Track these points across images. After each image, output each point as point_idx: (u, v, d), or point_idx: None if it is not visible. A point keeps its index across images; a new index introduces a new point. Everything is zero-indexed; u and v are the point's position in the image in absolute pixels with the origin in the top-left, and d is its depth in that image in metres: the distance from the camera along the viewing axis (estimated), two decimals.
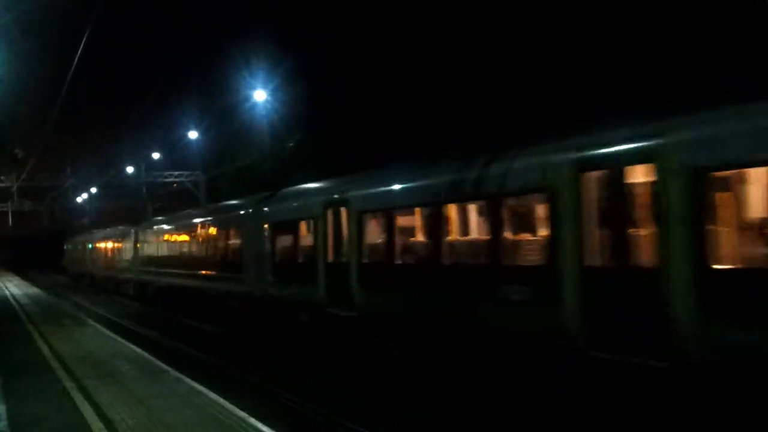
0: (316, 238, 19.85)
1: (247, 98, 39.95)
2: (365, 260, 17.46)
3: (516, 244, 13.12)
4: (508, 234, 13.22)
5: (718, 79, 19.68)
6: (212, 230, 29.15)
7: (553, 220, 11.87)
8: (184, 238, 33.01)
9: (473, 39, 28.82)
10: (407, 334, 16.20)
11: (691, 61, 22.16)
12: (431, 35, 30.48)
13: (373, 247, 17.35)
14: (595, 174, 11.36)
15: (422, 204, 15.75)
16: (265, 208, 23.72)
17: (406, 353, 16.38)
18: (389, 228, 16.56)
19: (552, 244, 11.87)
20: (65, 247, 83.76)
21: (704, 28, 22.03)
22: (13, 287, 54.03)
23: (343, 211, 18.44)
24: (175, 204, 61.75)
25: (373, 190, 17.75)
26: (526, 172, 12.61)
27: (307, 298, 20.28)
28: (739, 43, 20.99)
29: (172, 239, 35.45)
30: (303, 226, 21.12)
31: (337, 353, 19.25)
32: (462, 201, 14.64)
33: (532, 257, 12.53)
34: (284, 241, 22.31)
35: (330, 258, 19.03)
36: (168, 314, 34.49)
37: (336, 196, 19.05)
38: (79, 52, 21.59)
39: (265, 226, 23.24)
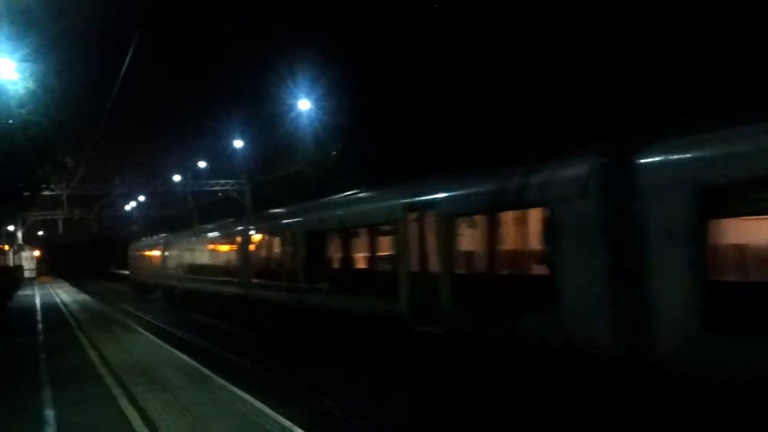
0: (396, 246, 18.28)
1: (292, 107, 40.26)
2: (458, 270, 15.95)
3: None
4: None
5: (720, 80, 19.64)
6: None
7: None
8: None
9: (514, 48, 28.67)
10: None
11: (692, 62, 21.91)
12: (474, 43, 30.37)
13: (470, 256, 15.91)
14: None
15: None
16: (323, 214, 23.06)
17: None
18: (491, 232, 14.92)
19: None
20: (129, 253, 68.89)
21: (705, 29, 21.76)
22: (63, 294, 54.93)
23: (431, 215, 16.89)
24: (219, 213, 62.27)
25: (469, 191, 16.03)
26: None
27: (380, 311, 18.69)
28: (740, 43, 20.72)
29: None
30: (377, 233, 19.56)
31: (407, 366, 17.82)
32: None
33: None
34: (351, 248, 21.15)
35: (414, 267, 17.45)
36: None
37: (420, 198, 17.53)
38: (127, 61, 21.88)
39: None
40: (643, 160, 11.00)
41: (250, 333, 28.88)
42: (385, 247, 18.95)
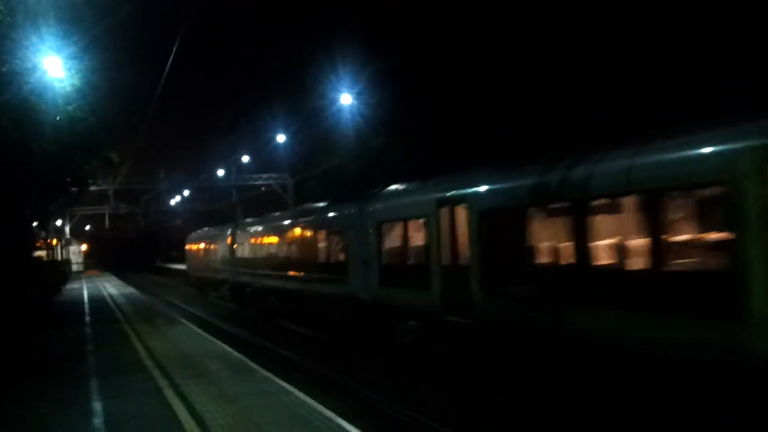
0: (428, 239, 18.54)
1: (334, 101, 40.33)
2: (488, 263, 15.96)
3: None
4: None
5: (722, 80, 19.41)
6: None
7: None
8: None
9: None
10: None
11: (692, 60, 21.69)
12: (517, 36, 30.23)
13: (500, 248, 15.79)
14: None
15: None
16: (370, 208, 22.66)
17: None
18: (522, 228, 14.78)
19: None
20: (186, 245, 63.03)
21: (706, 28, 21.50)
22: (110, 287, 55.79)
23: (460, 209, 17.08)
24: (261, 207, 62.76)
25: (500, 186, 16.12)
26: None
27: (416, 303, 19.08)
28: (740, 43, 20.46)
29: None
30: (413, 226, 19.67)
31: (444, 360, 18.12)
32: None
33: None
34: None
35: (445, 261, 17.72)
36: (262, 317, 34.88)
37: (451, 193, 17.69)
38: (171, 58, 22.15)
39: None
40: None
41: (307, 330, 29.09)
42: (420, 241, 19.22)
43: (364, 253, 22.51)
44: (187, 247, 62.62)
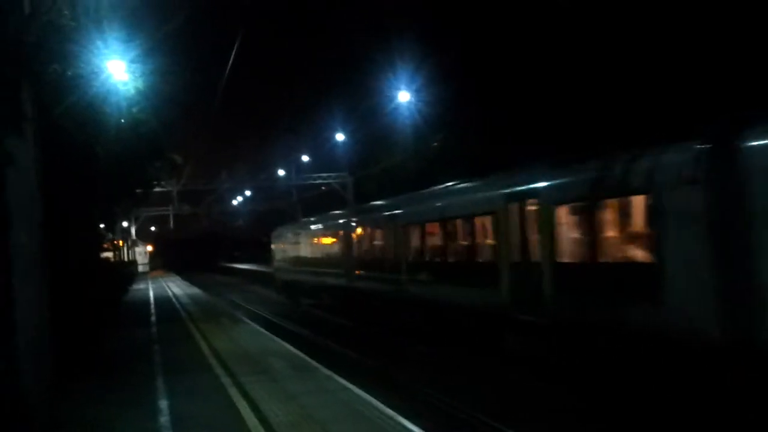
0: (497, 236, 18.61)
1: (391, 99, 40.34)
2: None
3: None
4: None
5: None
6: None
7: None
8: None
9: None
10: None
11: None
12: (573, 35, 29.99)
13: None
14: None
15: None
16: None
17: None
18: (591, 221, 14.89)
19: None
20: (273, 243, 51.84)
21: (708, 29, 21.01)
22: (175, 287, 56.66)
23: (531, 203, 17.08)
24: (321, 206, 63.15)
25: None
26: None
27: (484, 302, 19.09)
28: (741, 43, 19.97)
29: None
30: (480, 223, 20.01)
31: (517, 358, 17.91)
32: None
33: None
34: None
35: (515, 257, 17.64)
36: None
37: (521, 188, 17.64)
38: (231, 61, 22.40)
39: None
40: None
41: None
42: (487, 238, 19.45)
43: None
44: (274, 245, 51.34)
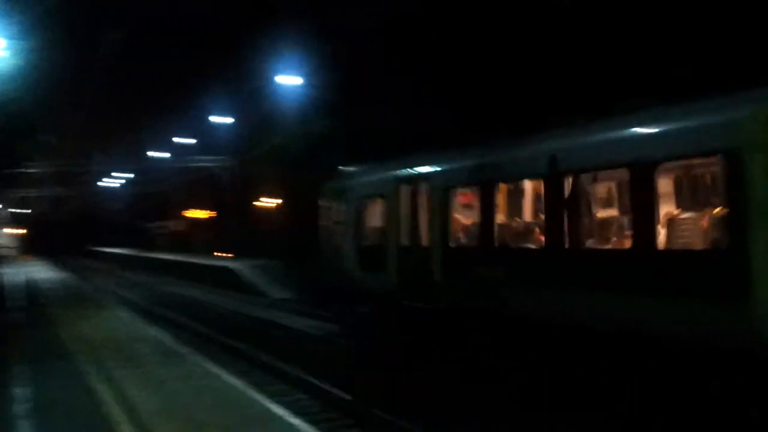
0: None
1: (272, 82, 40.11)
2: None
3: None
4: None
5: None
6: None
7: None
8: None
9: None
10: None
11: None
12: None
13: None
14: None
15: None
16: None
17: None
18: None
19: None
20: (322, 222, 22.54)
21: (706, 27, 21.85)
22: (44, 273, 54.47)
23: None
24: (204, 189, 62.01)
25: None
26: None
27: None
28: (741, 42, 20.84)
29: None
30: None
31: None
32: None
33: None
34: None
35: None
36: None
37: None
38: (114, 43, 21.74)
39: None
40: None
41: None
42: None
43: None
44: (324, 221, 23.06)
